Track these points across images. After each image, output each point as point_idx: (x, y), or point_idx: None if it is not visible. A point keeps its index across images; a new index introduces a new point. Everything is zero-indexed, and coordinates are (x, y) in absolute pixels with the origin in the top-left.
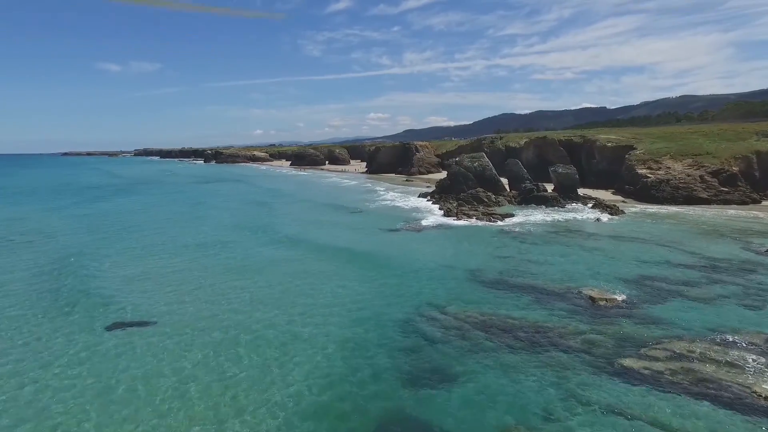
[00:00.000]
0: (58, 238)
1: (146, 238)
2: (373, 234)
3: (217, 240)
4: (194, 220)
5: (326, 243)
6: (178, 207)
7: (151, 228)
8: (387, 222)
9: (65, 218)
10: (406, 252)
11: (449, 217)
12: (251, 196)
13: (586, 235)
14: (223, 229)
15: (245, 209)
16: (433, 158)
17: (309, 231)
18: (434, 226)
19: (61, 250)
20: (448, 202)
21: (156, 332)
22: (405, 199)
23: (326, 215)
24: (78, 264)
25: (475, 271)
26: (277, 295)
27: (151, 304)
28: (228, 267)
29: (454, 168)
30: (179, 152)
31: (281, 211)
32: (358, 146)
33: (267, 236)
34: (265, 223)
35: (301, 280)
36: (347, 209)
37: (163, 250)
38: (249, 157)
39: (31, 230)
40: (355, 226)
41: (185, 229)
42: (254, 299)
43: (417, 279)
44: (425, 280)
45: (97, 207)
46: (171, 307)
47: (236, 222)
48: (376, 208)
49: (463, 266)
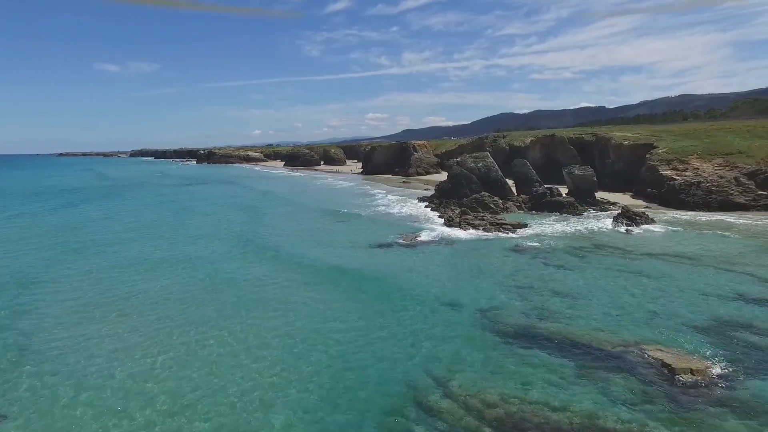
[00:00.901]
0: (24, 252)
1: (102, 256)
2: (360, 251)
3: (186, 256)
4: (170, 229)
5: (305, 263)
6: (158, 214)
7: (115, 241)
8: (378, 234)
9: (20, 228)
10: (399, 279)
11: (451, 227)
12: (238, 199)
13: (621, 252)
14: (198, 241)
15: (228, 215)
16: (431, 158)
17: (289, 245)
18: (434, 239)
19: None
20: (450, 209)
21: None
22: (401, 205)
23: (312, 223)
24: None
25: (488, 311)
26: (219, 358)
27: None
28: (182, 296)
29: (456, 169)
30: (174, 153)
31: (265, 218)
32: (355, 146)
33: (243, 250)
34: (245, 232)
35: (258, 328)
36: (335, 216)
37: (112, 273)
38: (243, 158)
39: None
40: (341, 239)
41: (155, 243)
42: (183, 359)
43: (410, 326)
44: (421, 329)
45: (66, 213)
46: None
47: (215, 231)
48: (368, 216)
49: (472, 303)
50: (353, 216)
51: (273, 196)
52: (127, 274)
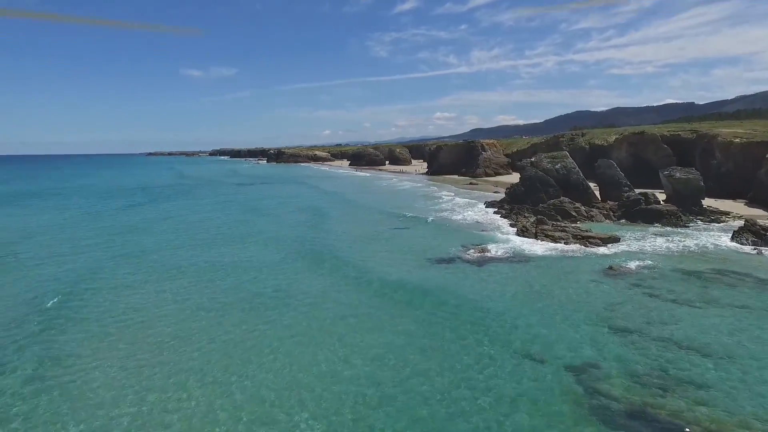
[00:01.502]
0: (66, 257)
1: (166, 260)
2: (419, 266)
3: (242, 263)
4: (232, 232)
5: (360, 278)
6: (227, 215)
7: (179, 246)
8: (441, 244)
9: (95, 228)
10: (458, 309)
11: (525, 237)
12: (302, 200)
13: (758, 282)
14: (258, 246)
15: (291, 217)
16: (501, 158)
17: (346, 254)
18: (504, 254)
19: (54, 280)
20: (523, 216)
21: None
22: (467, 209)
23: (371, 228)
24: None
25: (582, 370)
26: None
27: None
28: (229, 311)
29: (530, 170)
30: (247, 152)
31: (326, 222)
32: (420, 146)
33: (299, 258)
34: (305, 237)
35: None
36: (397, 221)
37: (173, 276)
38: (310, 157)
39: (44, 245)
40: (400, 248)
41: (219, 248)
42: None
43: (467, 379)
44: (483, 386)
45: (139, 213)
46: None
47: (276, 235)
48: (430, 222)
49: (557, 353)
50: (415, 221)
51: (336, 197)
52: (175, 282)
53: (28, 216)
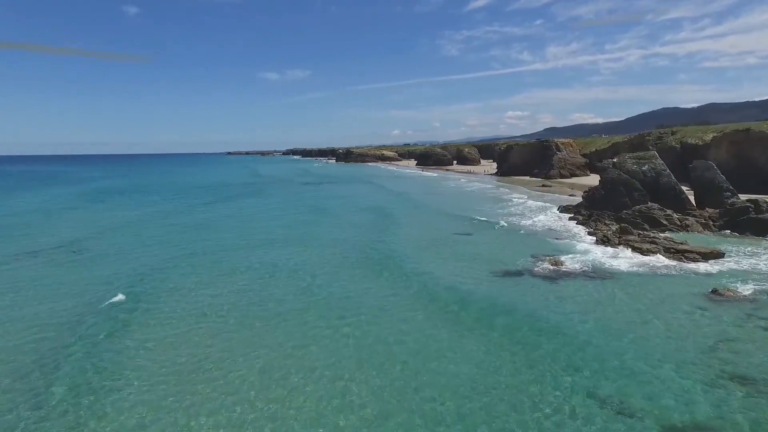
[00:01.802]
0: (129, 257)
1: (223, 261)
2: (484, 278)
3: (306, 268)
4: (299, 232)
5: (421, 289)
6: (291, 215)
7: (239, 246)
8: (509, 254)
9: (163, 226)
10: (536, 340)
11: (606, 247)
12: (368, 200)
13: None
14: (322, 249)
15: (355, 218)
16: (578, 158)
17: (408, 261)
18: (582, 268)
19: (112, 281)
20: (603, 224)
21: None
22: (539, 214)
23: (437, 232)
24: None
25: None
26: None
27: None
28: (283, 323)
29: (612, 172)
30: (318, 152)
31: (390, 225)
32: (490, 145)
33: (361, 264)
34: (369, 241)
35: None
36: (463, 225)
37: (227, 280)
38: (378, 157)
39: (110, 243)
40: (464, 256)
41: (278, 249)
42: None
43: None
44: None
45: (208, 211)
46: None
47: (341, 238)
48: (499, 227)
49: (667, 417)
50: (482, 226)
51: (401, 198)
52: (228, 286)
53: (106, 212)
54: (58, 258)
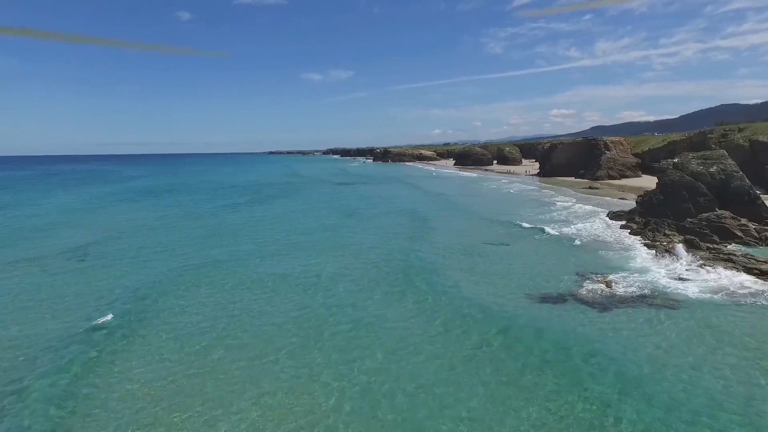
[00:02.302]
0: (142, 264)
1: (243, 271)
2: (524, 304)
3: (331, 282)
4: (329, 239)
5: (449, 317)
6: (323, 219)
7: (263, 254)
8: (552, 271)
9: (186, 229)
10: (595, 389)
11: (668, 266)
12: (404, 203)
13: None
14: (351, 259)
15: (390, 224)
16: (629, 158)
17: (442, 276)
18: (639, 292)
19: (117, 291)
20: (662, 234)
21: None
22: (587, 221)
23: (473, 241)
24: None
25: None
26: None
27: None
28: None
29: (672, 174)
30: (356, 151)
31: (426, 231)
32: (533, 144)
33: (392, 279)
34: (403, 251)
35: None
36: (502, 234)
37: (244, 293)
38: (416, 156)
39: (127, 247)
40: (501, 275)
41: (304, 258)
42: None
43: None
44: None
45: (236, 213)
46: None
47: (372, 246)
48: (540, 238)
49: None
50: (522, 235)
51: (436, 200)
52: (244, 302)
53: (130, 213)
54: (59, 266)
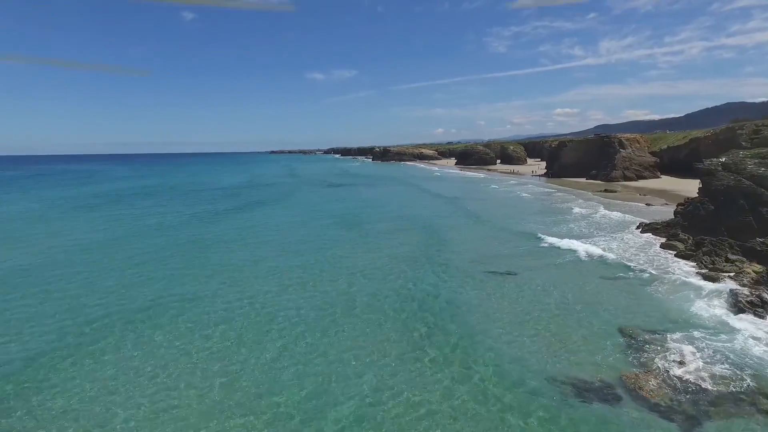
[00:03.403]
0: (66, 297)
1: (204, 311)
2: (548, 406)
3: (324, 330)
4: (324, 260)
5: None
6: (318, 232)
7: (235, 284)
8: (587, 326)
9: (149, 246)
10: None
11: (738, 307)
12: (412, 209)
13: None
14: (348, 286)
15: (392, 239)
16: (646, 157)
17: (444, 317)
18: (738, 379)
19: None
20: (724, 258)
21: None
22: (613, 235)
23: (463, 266)
24: None
25: None
26: None
27: None
28: None
29: (725, 178)
30: (357, 150)
31: (440, 250)
32: (538, 143)
33: (395, 317)
34: (405, 280)
35: None
36: (506, 256)
37: (204, 343)
38: (416, 155)
39: (61, 276)
40: (507, 337)
41: (289, 293)
42: None
43: None
44: None
45: (215, 224)
46: None
47: (373, 270)
48: (562, 264)
49: None
50: (534, 257)
51: (447, 207)
52: (199, 364)
53: (98, 222)
54: None
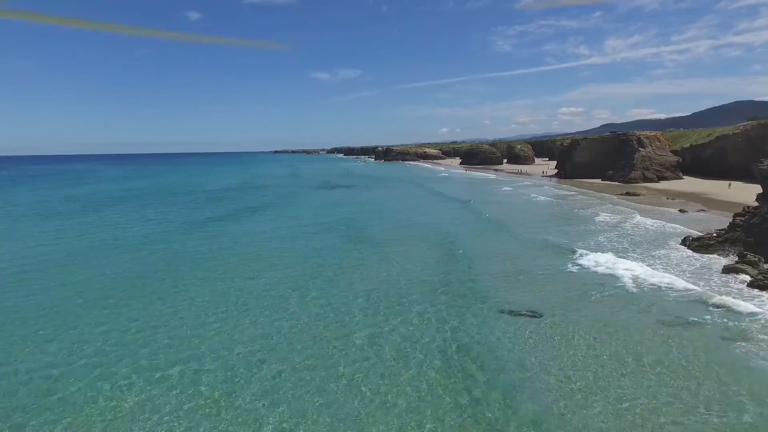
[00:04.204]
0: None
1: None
2: None
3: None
4: (322, 290)
5: None
6: (318, 249)
7: (188, 336)
8: (653, 404)
9: (111, 266)
10: None
11: None
12: (423, 215)
13: None
14: (359, 350)
15: (413, 261)
16: (668, 157)
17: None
18: None
19: None
20: None
21: None
22: (658, 254)
23: (520, 294)
24: None
25: None
26: None
27: None
28: None
29: None
30: (360, 150)
31: (462, 273)
32: (546, 142)
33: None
34: (442, 326)
35: None
36: (527, 284)
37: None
38: (419, 155)
39: None
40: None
41: (246, 339)
42: None
43: None
44: None
45: (197, 238)
46: None
47: (392, 309)
48: (612, 295)
49: None
50: (573, 282)
51: (460, 212)
52: None
53: (67, 232)
54: None
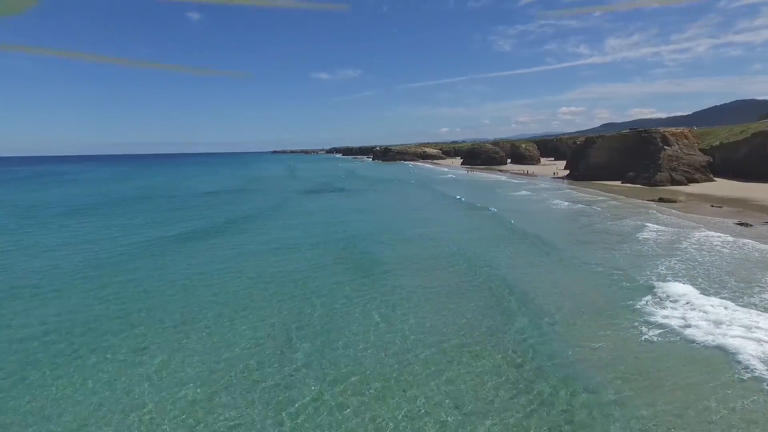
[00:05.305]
0: None
1: None
2: None
3: None
4: (321, 352)
5: None
6: (313, 287)
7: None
8: None
9: (77, 299)
10: None
11: None
12: (438, 230)
13: None
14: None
15: (437, 311)
16: (697, 156)
17: None
18: None
19: None
20: None
21: None
22: (752, 298)
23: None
24: None
25: None
26: None
27: None
28: None
29: None
30: (358, 150)
31: (475, 282)
32: (552, 140)
33: None
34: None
35: None
36: (612, 344)
37: None
38: (419, 155)
39: None
40: None
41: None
42: None
43: None
44: None
45: (182, 257)
46: None
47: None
48: (708, 383)
49: None
50: (666, 353)
51: (483, 224)
52: None
53: (35, 248)
54: None
